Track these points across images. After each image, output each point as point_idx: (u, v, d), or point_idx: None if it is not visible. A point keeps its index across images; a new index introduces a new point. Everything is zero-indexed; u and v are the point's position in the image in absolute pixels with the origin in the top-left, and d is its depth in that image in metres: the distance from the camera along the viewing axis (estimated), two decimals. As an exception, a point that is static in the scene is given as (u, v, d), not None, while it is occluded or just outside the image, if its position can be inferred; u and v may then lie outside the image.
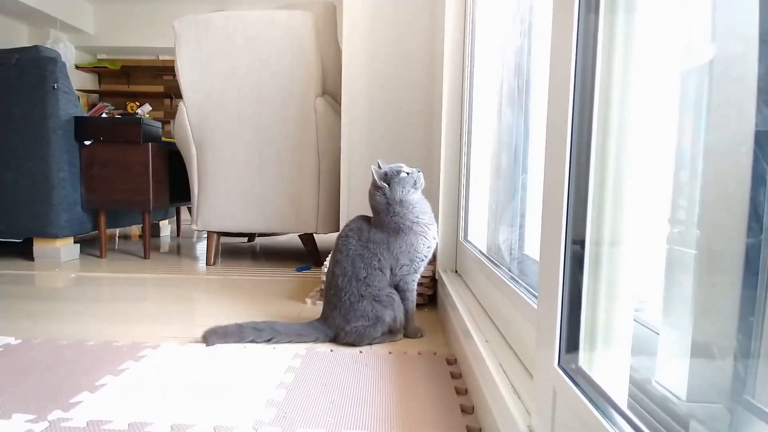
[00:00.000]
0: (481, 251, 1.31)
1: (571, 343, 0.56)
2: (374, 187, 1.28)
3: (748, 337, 0.43)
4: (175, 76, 2.33)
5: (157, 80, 6.94)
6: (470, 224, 1.51)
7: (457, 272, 1.56)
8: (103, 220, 2.51)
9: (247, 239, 3.31)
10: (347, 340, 1.22)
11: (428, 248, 1.28)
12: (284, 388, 0.97)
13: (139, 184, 2.42)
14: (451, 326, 1.23)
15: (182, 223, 3.69)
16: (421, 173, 1.30)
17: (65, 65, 2.35)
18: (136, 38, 6.37)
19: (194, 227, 2.38)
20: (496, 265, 1.10)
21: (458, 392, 0.96)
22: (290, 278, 2.09)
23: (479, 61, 1.49)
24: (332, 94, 2.29)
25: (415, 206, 1.27)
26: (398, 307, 1.25)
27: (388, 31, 2.03)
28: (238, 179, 2.29)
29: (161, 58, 6.83)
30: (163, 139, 2.66)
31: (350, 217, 1.38)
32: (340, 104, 2.16)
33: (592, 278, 0.56)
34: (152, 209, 2.47)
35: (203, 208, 2.35)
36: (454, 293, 1.25)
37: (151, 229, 2.62)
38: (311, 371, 1.06)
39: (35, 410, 0.87)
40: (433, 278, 1.62)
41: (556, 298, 0.56)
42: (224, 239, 3.27)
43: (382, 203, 1.27)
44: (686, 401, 0.48)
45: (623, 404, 0.49)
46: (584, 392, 0.50)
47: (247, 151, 2.27)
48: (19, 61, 2.26)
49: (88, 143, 2.41)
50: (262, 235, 3.29)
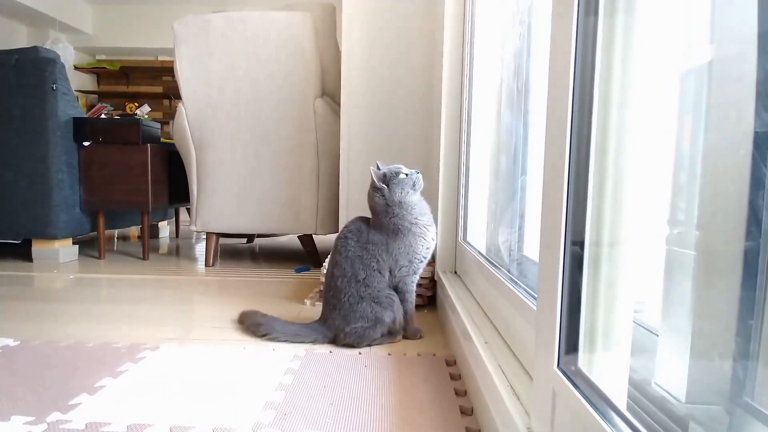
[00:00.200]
0: (480, 252, 1.31)
1: (570, 344, 0.56)
2: (373, 188, 1.28)
3: (747, 338, 0.43)
4: (174, 76, 2.33)
5: (156, 81, 6.94)
6: (469, 225, 1.51)
7: (456, 273, 1.56)
8: (101, 221, 2.51)
9: (246, 240, 3.31)
10: (346, 341, 1.22)
11: (427, 249, 1.28)
12: (283, 389, 0.97)
13: (138, 185, 2.42)
14: (450, 327, 1.23)
15: (181, 224, 3.69)
16: (420, 174, 1.30)
17: (64, 66, 2.35)
18: (135, 39, 6.37)
19: (193, 228, 2.38)
20: (495, 266, 1.10)
21: (457, 394, 0.96)
22: (289, 279, 2.09)
23: (478, 62, 1.49)
24: (331, 95, 2.29)
25: (414, 207, 1.27)
26: (397, 308, 1.25)
27: (387, 32, 2.03)
28: (237, 180, 2.29)
29: (160, 58, 6.84)
30: (162, 139, 2.66)
31: (349, 218, 1.38)
32: (339, 105, 2.16)
33: (591, 279, 0.56)
34: (151, 210, 2.47)
35: (202, 209, 2.35)
36: (453, 294, 1.25)
37: (150, 230, 2.61)
38: (310, 372, 1.06)
39: (34, 412, 0.87)
40: (432, 279, 1.62)
41: (555, 299, 0.56)
42: (223, 240, 3.27)
43: (381, 204, 1.27)
44: (685, 403, 0.48)
45: (622, 406, 0.49)
46: (583, 394, 0.50)
47: (246, 152, 2.27)
48: (18, 61, 2.26)
49: (87, 144, 2.41)
50: (261, 236, 3.29)
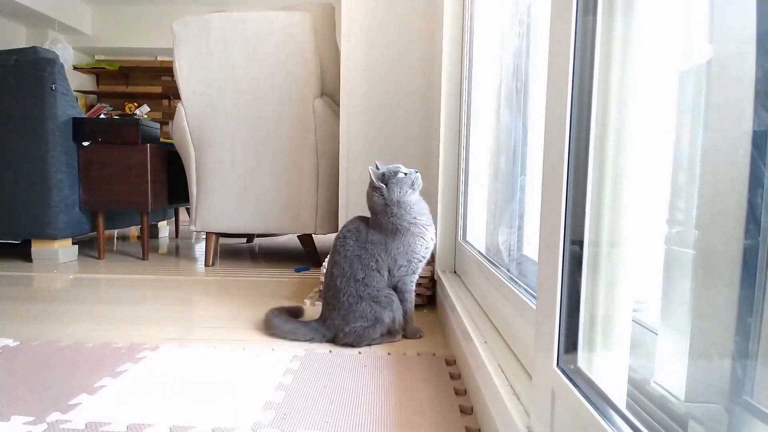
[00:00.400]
0: (479, 252, 1.31)
1: (569, 343, 0.56)
2: (372, 188, 1.28)
3: (746, 337, 0.43)
4: (173, 77, 2.33)
5: (155, 81, 6.93)
6: (469, 225, 1.51)
7: (456, 273, 1.56)
8: (101, 221, 2.50)
9: (245, 240, 3.31)
10: (346, 341, 1.22)
11: (426, 249, 1.28)
12: (283, 389, 0.97)
13: (137, 185, 2.42)
14: (450, 327, 1.23)
15: (181, 224, 3.69)
16: (419, 174, 1.30)
17: (63, 66, 2.35)
18: (134, 39, 6.37)
19: (193, 228, 2.38)
20: (495, 265, 1.10)
21: (457, 393, 0.96)
22: (289, 279, 2.09)
23: (477, 62, 1.49)
24: (331, 95, 2.29)
25: (413, 207, 1.27)
26: (397, 307, 1.25)
27: (386, 32, 2.03)
28: (236, 180, 2.29)
29: (159, 59, 6.83)
30: (161, 140, 2.66)
31: (349, 217, 1.38)
32: (339, 105, 2.16)
33: (590, 279, 0.56)
34: (151, 210, 2.47)
35: (202, 209, 2.35)
36: (453, 294, 1.25)
37: (149, 230, 2.61)
38: (310, 372, 1.06)
39: (34, 412, 0.87)
40: (432, 279, 1.62)
41: (554, 298, 0.56)
42: (223, 240, 3.27)
43: (380, 204, 1.27)
44: (685, 401, 0.48)
45: (622, 405, 0.49)
46: (583, 393, 0.50)
47: (245, 151, 2.27)
48: (17, 62, 2.25)
49: (86, 144, 2.41)
50: (260, 235, 3.29)
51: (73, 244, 2.52)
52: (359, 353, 1.19)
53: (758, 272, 0.42)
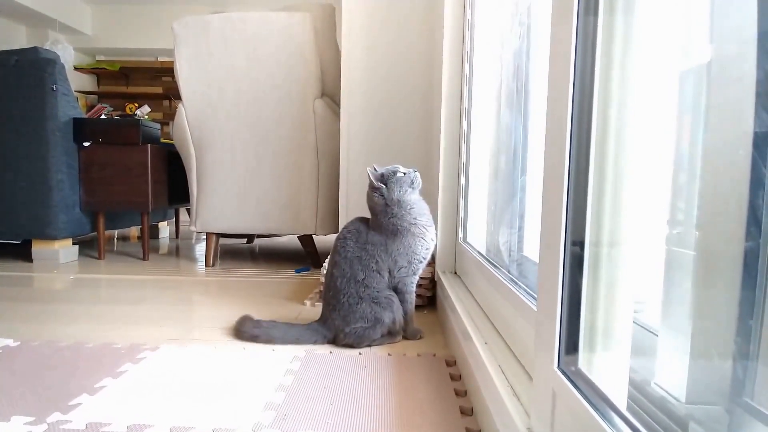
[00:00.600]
0: (480, 253, 1.31)
1: (570, 344, 0.56)
2: (371, 188, 1.28)
3: (747, 338, 0.43)
4: (173, 77, 2.33)
5: (155, 81, 6.94)
6: (469, 226, 1.51)
7: (456, 274, 1.56)
8: (101, 221, 2.51)
9: (246, 241, 3.31)
10: (346, 341, 1.22)
11: (426, 250, 1.28)
12: (283, 390, 0.97)
13: (137, 185, 2.42)
14: (450, 328, 1.23)
15: (181, 224, 3.69)
16: (417, 173, 1.30)
17: (64, 67, 2.35)
18: (134, 39, 6.37)
19: (193, 229, 2.38)
20: (495, 266, 1.10)
21: (457, 394, 0.96)
22: (289, 280, 2.09)
23: (478, 62, 1.49)
24: (331, 95, 2.29)
25: (413, 207, 1.27)
26: (397, 308, 1.25)
27: (387, 32, 2.03)
28: (237, 180, 2.29)
29: (160, 59, 6.84)
30: (161, 140, 2.66)
31: (349, 218, 1.38)
32: (339, 105, 2.16)
33: (591, 280, 0.56)
34: (151, 210, 2.47)
35: (202, 209, 2.35)
36: (453, 295, 1.25)
37: (150, 230, 2.61)
38: (310, 373, 1.06)
39: (34, 412, 0.87)
40: (432, 280, 1.62)
41: (555, 299, 0.56)
42: (223, 241, 3.27)
43: (380, 204, 1.27)
44: (685, 403, 0.48)
45: (622, 406, 0.49)
46: (583, 394, 0.50)
47: (246, 152, 2.27)
48: (17, 62, 2.26)
49: (86, 144, 2.41)
50: (261, 236, 3.29)
51: (73, 244, 2.52)
52: (359, 354, 1.19)
53: (759, 273, 0.42)
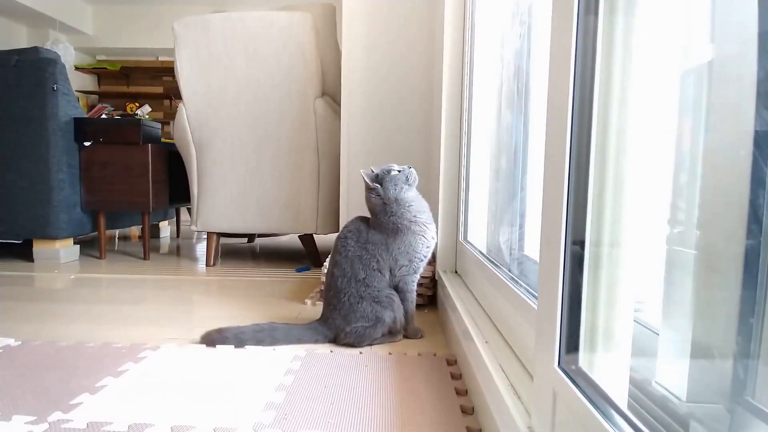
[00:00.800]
0: (480, 252, 1.31)
1: (571, 344, 0.56)
2: (368, 189, 1.29)
3: (747, 337, 0.43)
4: (174, 77, 2.33)
5: (156, 81, 6.94)
6: (470, 225, 1.51)
7: (457, 273, 1.56)
8: (102, 221, 2.51)
9: (246, 240, 3.31)
10: (347, 340, 1.22)
11: (427, 248, 1.28)
12: (284, 389, 0.97)
13: (138, 185, 2.42)
14: (451, 327, 1.23)
15: (182, 224, 3.69)
16: (413, 169, 1.30)
17: (65, 66, 2.35)
18: (135, 39, 6.37)
19: (194, 228, 2.38)
20: (496, 265, 1.10)
21: (458, 393, 0.96)
22: (290, 279, 2.09)
23: (478, 62, 1.49)
24: (332, 95, 2.29)
25: (411, 204, 1.27)
26: (398, 307, 1.25)
27: (387, 32, 2.03)
28: (237, 180, 2.29)
29: (161, 59, 6.83)
30: (162, 140, 2.66)
31: (350, 217, 1.38)
32: (340, 105, 2.16)
33: (592, 279, 0.56)
34: (152, 210, 2.47)
35: (203, 209, 2.35)
36: (454, 294, 1.25)
37: (150, 230, 2.61)
38: (311, 372, 1.06)
39: (35, 412, 0.87)
40: (432, 279, 1.62)
41: (556, 298, 0.56)
42: (224, 240, 3.27)
43: (378, 204, 1.27)
44: (686, 402, 0.48)
45: (623, 405, 0.49)
46: (584, 393, 0.50)
47: (246, 152, 2.27)
48: (18, 62, 2.26)
49: (87, 144, 2.41)
50: (261, 235, 3.29)
51: (74, 244, 2.52)
52: (360, 353, 1.19)
53: (760, 272, 0.42)
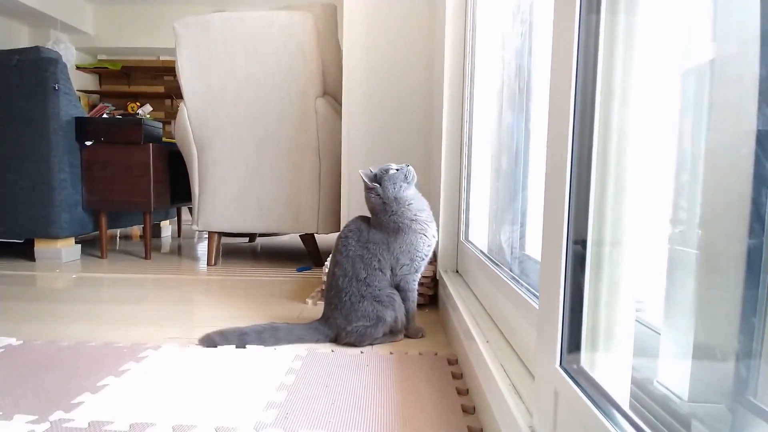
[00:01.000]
0: (482, 251, 1.31)
1: (572, 343, 0.56)
2: (367, 189, 1.29)
3: (749, 337, 0.43)
4: (175, 76, 2.34)
5: (157, 81, 6.94)
6: (471, 224, 1.51)
7: (458, 272, 1.56)
8: (104, 220, 2.51)
9: (248, 239, 3.31)
10: (348, 340, 1.22)
11: (428, 247, 1.28)
12: (285, 389, 0.97)
13: (140, 184, 2.42)
14: (452, 326, 1.23)
15: (183, 223, 3.69)
16: (411, 167, 1.30)
17: (66, 66, 2.35)
18: (136, 39, 6.38)
19: (195, 228, 2.38)
20: (497, 265, 1.10)
21: (459, 393, 0.96)
22: (291, 279, 2.09)
23: (480, 61, 1.49)
24: (333, 94, 2.29)
25: (411, 203, 1.27)
26: (399, 307, 1.25)
27: (388, 31, 2.03)
28: (237, 180, 2.29)
29: (162, 58, 6.84)
30: (163, 139, 2.66)
31: (351, 217, 1.38)
32: (341, 105, 2.16)
33: (593, 278, 0.55)
34: (153, 210, 2.47)
35: (204, 208, 2.35)
36: (455, 293, 1.25)
37: (152, 229, 2.62)
38: (312, 372, 1.06)
39: (37, 411, 0.87)
40: (434, 278, 1.62)
41: (557, 298, 0.56)
42: (225, 239, 3.27)
43: (378, 204, 1.27)
44: (688, 401, 0.48)
45: (625, 404, 0.49)
46: (586, 392, 0.50)
47: (248, 151, 2.27)
48: (19, 62, 2.26)
49: (88, 144, 2.42)
50: (263, 235, 3.30)
51: (75, 243, 2.53)
52: (361, 353, 1.19)
53: (762, 271, 0.42)
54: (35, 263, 2.36)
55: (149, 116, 5.03)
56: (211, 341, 1.21)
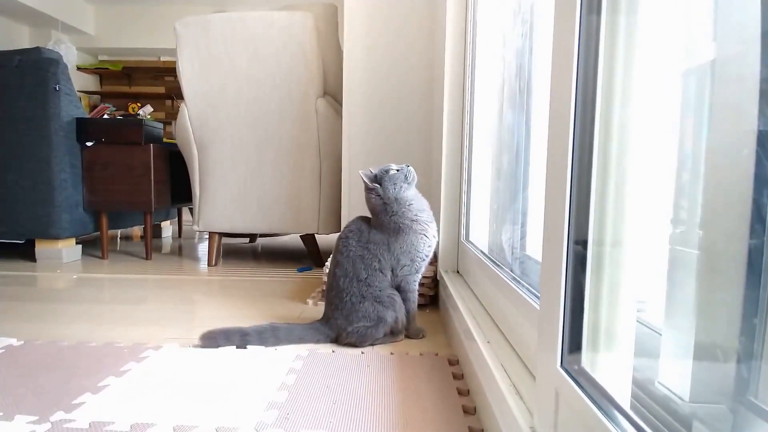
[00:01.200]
0: (482, 252, 1.31)
1: (573, 343, 0.56)
2: (367, 190, 1.29)
3: (750, 337, 0.43)
4: (176, 77, 2.34)
5: (158, 81, 6.95)
6: (472, 225, 1.51)
7: (458, 273, 1.56)
8: (104, 221, 2.51)
9: (248, 240, 3.31)
10: (349, 340, 1.22)
11: (429, 247, 1.28)
12: (286, 389, 0.97)
13: (140, 185, 2.42)
14: (452, 327, 1.23)
15: (184, 223, 3.69)
16: (411, 168, 1.30)
17: (67, 66, 2.35)
18: (137, 39, 6.38)
19: (196, 228, 2.38)
20: (497, 265, 1.10)
21: (460, 393, 0.96)
22: (292, 279, 2.09)
23: (480, 61, 1.49)
24: (334, 94, 2.29)
25: (411, 203, 1.27)
26: (399, 307, 1.25)
27: (389, 31, 2.03)
28: (239, 180, 2.29)
29: (162, 59, 6.85)
30: (164, 140, 2.67)
31: (351, 217, 1.38)
32: (341, 105, 2.16)
33: (594, 278, 0.55)
34: (154, 210, 2.47)
35: (205, 208, 2.35)
36: (455, 294, 1.25)
37: (152, 230, 2.62)
38: (313, 372, 1.06)
39: (38, 411, 0.87)
40: (434, 279, 1.62)
41: (558, 298, 0.56)
42: (226, 240, 3.27)
43: (378, 204, 1.27)
44: (689, 402, 0.47)
45: (626, 405, 0.49)
46: (587, 393, 0.50)
47: (248, 151, 2.27)
48: (20, 62, 2.26)
49: (89, 144, 2.42)
50: (263, 235, 3.29)
51: (76, 243, 2.53)
52: (362, 353, 1.19)
53: (763, 272, 0.42)
54: (36, 264, 2.37)
55: (150, 117, 5.03)
56: (211, 341, 1.21)
